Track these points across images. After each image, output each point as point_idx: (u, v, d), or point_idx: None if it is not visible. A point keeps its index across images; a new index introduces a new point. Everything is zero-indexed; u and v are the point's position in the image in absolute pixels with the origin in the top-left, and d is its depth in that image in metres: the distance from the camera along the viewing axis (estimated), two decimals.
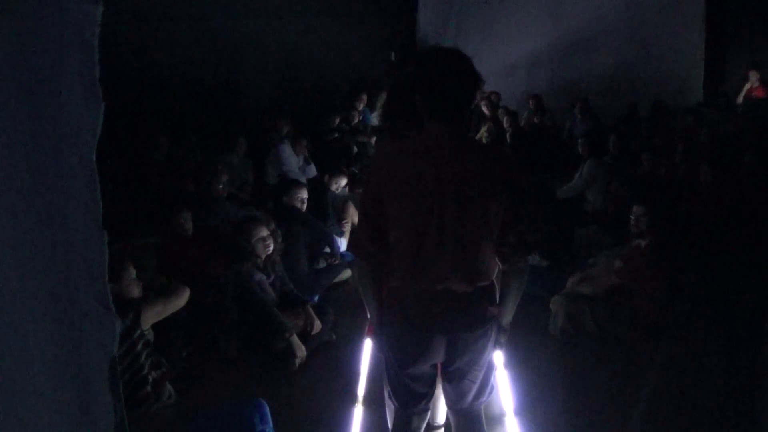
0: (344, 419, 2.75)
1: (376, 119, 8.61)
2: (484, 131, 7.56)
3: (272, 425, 2.83)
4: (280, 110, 7.39)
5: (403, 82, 2.05)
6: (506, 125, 7.51)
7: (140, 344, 3.11)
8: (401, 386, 2.16)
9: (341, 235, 5.30)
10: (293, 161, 6.58)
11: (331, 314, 4.10)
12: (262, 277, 3.93)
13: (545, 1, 9.12)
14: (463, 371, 2.11)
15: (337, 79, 8.85)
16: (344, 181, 5.93)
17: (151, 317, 3.30)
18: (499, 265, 2.03)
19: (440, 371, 2.17)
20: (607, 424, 3.06)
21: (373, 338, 2.23)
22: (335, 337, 4.04)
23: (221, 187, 5.10)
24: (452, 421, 2.31)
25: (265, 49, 8.58)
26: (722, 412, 3.06)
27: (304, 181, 5.77)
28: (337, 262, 4.90)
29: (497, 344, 2.13)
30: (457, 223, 1.88)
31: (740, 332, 3.68)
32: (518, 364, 2.85)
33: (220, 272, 3.91)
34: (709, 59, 8.63)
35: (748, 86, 8.08)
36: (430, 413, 2.35)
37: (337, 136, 7.56)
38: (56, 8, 1.56)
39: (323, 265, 4.86)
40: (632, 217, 3.98)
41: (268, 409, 2.86)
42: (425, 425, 2.34)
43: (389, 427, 2.35)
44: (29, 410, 1.59)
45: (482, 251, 1.95)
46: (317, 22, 9.06)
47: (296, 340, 3.71)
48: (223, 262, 3.98)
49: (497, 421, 2.71)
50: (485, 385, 2.18)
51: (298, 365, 3.67)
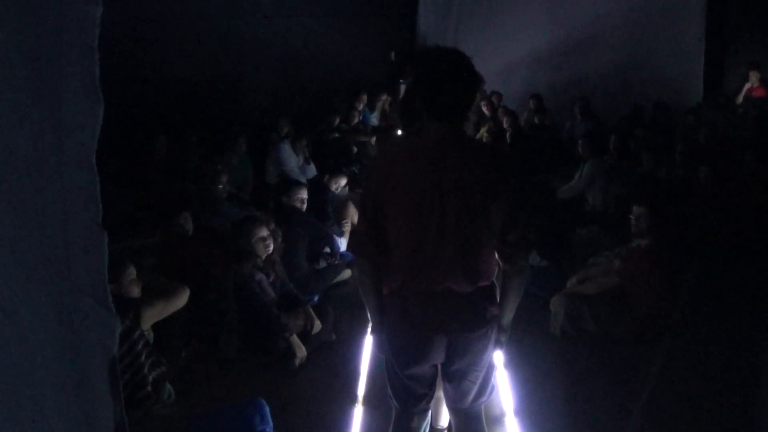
0: (344, 419, 2.75)
1: (376, 119, 8.61)
2: (484, 131, 7.55)
3: (272, 425, 2.83)
4: (280, 110, 7.39)
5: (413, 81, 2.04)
6: (506, 125, 7.51)
7: (140, 344, 3.11)
8: (401, 387, 2.16)
9: (341, 235, 5.30)
10: (293, 161, 6.59)
11: (331, 314, 4.10)
12: (262, 277, 3.93)
13: (545, 1, 9.12)
14: (463, 371, 2.11)
15: (337, 79, 8.85)
16: (344, 181, 5.93)
17: (151, 317, 3.30)
18: (499, 265, 2.03)
19: (440, 371, 2.17)
20: (607, 423, 3.06)
21: (373, 338, 2.23)
22: (335, 337, 4.04)
23: (221, 187, 5.12)
24: (452, 421, 2.31)
25: (265, 49, 8.58)
26: (722, 412, 3.07)
27: (304, 181, 5.77)
28: (337, 262, 4.90)
29: (497, 344, 2.13)
30: (457, 223, 1.88)
31: (740, 332, 3.68)
32: (518, 364, 2.85)
33: (220, 272, 3.90)
34: (709, 59, 8.61)
35: (748, 86, 8.08)
36: (431, 415, 2.35)
37: (337, 136, 7.57)
38: (56, 8, 1.56)
39: (323, 265, 4.86)
40: (632, 217, 3.98)
41: (268, 409, 2.86)
42: (428, 427, 2.34)
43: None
44: (29, 410, 1.59)
45: (482, 251, 1.95)
46: (317, 22, 9.07)
47: (296, 340, 3.71)
48: (223, 262, 3.97)
49: (497, 421, 2.71)
50: (485, 385, 2.18)
51: (298, 365, 3.67)
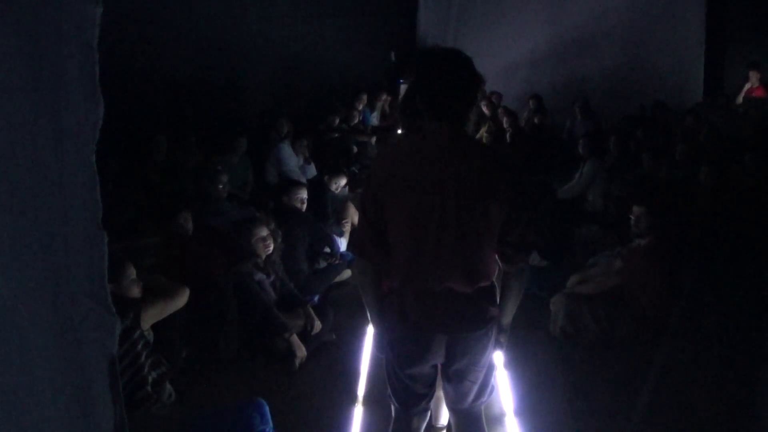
0: (344, 419, 2.75)
1: (376, 119, 8.62)
2: (484, 131, 7.55)
3: (272, 425, 2.83)
4: (280, 110, 7.38)
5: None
6: (506, 125, 7.51)
7: (140, 344, 3.11)
8: (401, 387, 2.16)
9: (341, 235, 5.30)
10: (293, 161, 6.59)
11: (331, 314, 4.10)
12: (262, 277, 3.94)
13: (545, 0, 9.12)
14: (463, 372, 2.10)
15: (337, 79, 8.85)
16: (344, 181, 5.93)
17: (151, 317, 3.30)
18: (499, 265, 2.03)
19: (440, 372, 2.17)
20: (607, 424, 3.06)
21: (373, 338, 2.23)
22: (335, 337, 4.04)
23: (221, 187, 5.11)
24: (452, 421, 2.31)
25: (265, 49, 8.57)
26: (722, 411, 3.07)
27: (304, 181, 5.77)
28: (337, 262, 4.90)
29: (497, 344, 2.13)
30: (457, 223, 1.88)
31: (740, 332, 3.68)
32: (518, 364, 2.85)
33: (220, 272, 3.91)
34: (709, 59, 8.62)
35: (748, 86, 8.08)
36: (431, 414, 2.35)
37: (337, 136, 7.57)
38: (56, 8, 1.56)
39: (323, 265, 4.86)
40: (632, 217, 3.98)
41: (268, 409, 2.86)
42: (427, 426, 2.34)
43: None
44: (29, 410, 1.59)
45: (482, 252, 1.95)
46: (317, 22, 9.06)
47: (296, 340, 3.71)
48: (223, 262, 3.98)
49: (497, 421, 2.71)
50: (485, 385, 2.17)
51: (298, 365, 3.67)
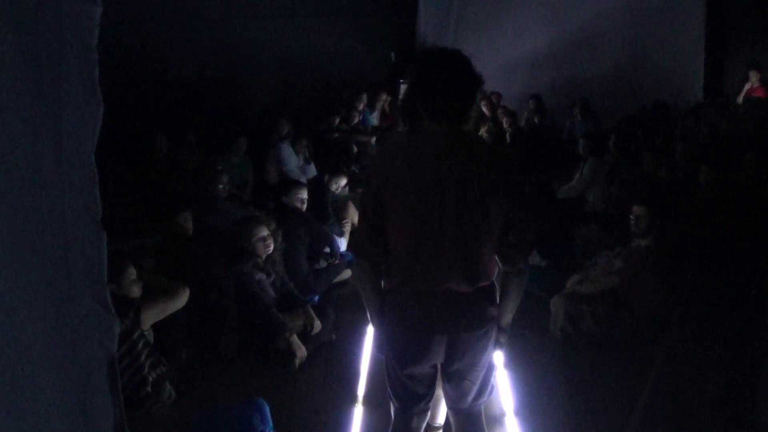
0: (344, 419, 2.75)
1: (376, 119, 8.61)
2: (484, 131, 7.55)
3: (272, 425, 2.83)
4: (280, 110, 7.38)
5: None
6: (506, 125, 7.51)
7: (140, 344, 3.11)
8: (401, 387, 2.16)
9: (341, 235, 5.30)
10: (293, 161, 6.59)
11: (331, 314, 4.10)
12: (262, 277, 3.93)
13: (545, 0, 9.12)
14: (463, 372, 2.10)
15: (337, 78, 8.85)
16: (344, 181, 5.93)
17: (151, 317, 3.30)
18: (499, 265, 2.03)
19: (440, 371, 2.17)
20: (607, 424, 3.06)
21: (373, 338, 2.23)
22: (335, 337, 4.04)
23: (221, 187, 5.11)
24: (452, 421, 2.31)
25: (265, 49, 8.57)
26: (722, 412, 3.06)
27: (304, 181, 5.77)
28: (337, 262, 4.90)
29: (497, 344, 2.13)
30: (457, 223, 1.88)
31: (740, 332, 3.68)
32: (518, 364, 2.85)
33: (220, 272, 3.91)
34: (709, 59, 8.62)
35: (748, 86, 8.07)
36: (430, 413, 2.35)
37: (337, 136, 7.56)
38: (56, 8, 1.56)
39: (323, 265, 4.86)
40: (632, 217, 3.98)
41: (268, 409, 2.86)
42: (425, 425, 2.34)
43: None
44: (29, 410, 1.60)
45: (482, 252, 1.95)
46: (317, 22, 9.05)
47: (296, 340, 3.71)
48: (223, 262, 3.98)
49: (497, 421, 2.71)
50: (485, 385, 2.17)
51: (298, 365, 3.67)
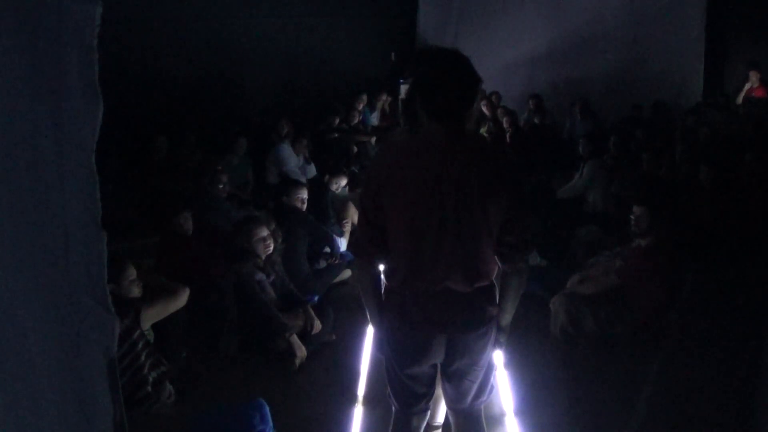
0: (344, 419, 2.75)
1: (376, 119, 8.61)
2: (484, 131, 7.55)
3: (272, 425, 2.83)
4: (280, 110, 7.38)
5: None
6: (506, 125, 7.51)
7: (140, 344, 3.11)
8: (401, 386, 2.16)
9: (341, 235, 5.30)
10: (293, 161, 6.59)
11: (331, 314, 4.10)
12: (262, 277, 3.93)
13: (545, 1, 9.12)
14: (462, 371, 2.11)
15: (337, 79, 8.85)
16: (344, 181, 5.93)
17: (151, 317, 3.30)
18: (498, 265, 2.03)
19: (440, 371, 2.17)
20: (607, 424, 3.06)
21: (373, 338, 2.23)
22: (335, 337, 4.04)
23: (221, 187, 5.11)
24: (452, 421, 2.31)
25: (265, 49, 8.58)
26: (722, 412, 3.06)
27: (304, 181, 5.77)
28: (337, 262, 4.90)
29: (497, 344, 2.13)
30: (456, 223, 1.88)
31: (740, 332, 3.68)
32: (518, 364, 2.86)
33: (220, 272, 3.91)
34: (709, 59, 8.62)
35: (748, 86, 8.08)
36: (429, 413, 2.35)
37: (337, 136, 7.56)
38: (56, 8, 1.56)
39: (323, 265, 4.86)
40: (632, 217, 3.98)
41: (268, 409, 2.86)
42: (425, 425, 2.34)
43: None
44: (29, 410, 1.59)
45: (482, 251, 1.95)
46: (317, 22, 9.06)
47: (296, 340, 3.71)
48: (223, 262, 3.98)
49: (497, 421, 2.71)
50: (485, 385, 2.18)
51: (298, 365, 3.67)
